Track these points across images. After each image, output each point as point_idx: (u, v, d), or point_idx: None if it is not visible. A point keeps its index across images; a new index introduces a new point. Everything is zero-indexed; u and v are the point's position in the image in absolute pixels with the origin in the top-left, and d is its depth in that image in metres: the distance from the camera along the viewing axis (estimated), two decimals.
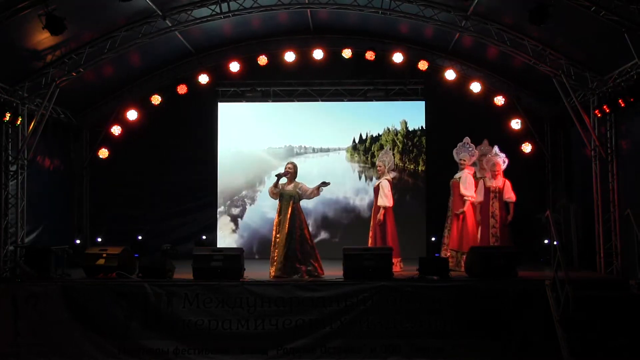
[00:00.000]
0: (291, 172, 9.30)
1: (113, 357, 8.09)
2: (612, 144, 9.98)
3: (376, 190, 9.99)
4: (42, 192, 11.46)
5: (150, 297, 8.28)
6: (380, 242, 9.80)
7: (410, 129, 13.42)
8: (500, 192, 10.22)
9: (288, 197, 9.17)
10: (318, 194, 9.30)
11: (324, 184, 9.26)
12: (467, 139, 10.47)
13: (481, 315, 8.06)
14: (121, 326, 8.19)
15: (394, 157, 10.66)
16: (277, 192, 9.22)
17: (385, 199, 9.83)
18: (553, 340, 7.64)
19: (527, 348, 7.91)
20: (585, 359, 7.38)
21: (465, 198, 10.02)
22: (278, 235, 9.07)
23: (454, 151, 10.54)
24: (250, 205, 13.46)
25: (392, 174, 10.17)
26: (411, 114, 13.39)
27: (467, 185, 10.06)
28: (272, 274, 8.99)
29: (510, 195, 10.16)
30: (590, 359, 7.40)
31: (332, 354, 8.05)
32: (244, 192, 13.47)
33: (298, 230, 9.08)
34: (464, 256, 9.63)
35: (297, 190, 9.19)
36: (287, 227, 9.04)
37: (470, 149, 10.37)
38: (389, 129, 13.47)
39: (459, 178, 10.19)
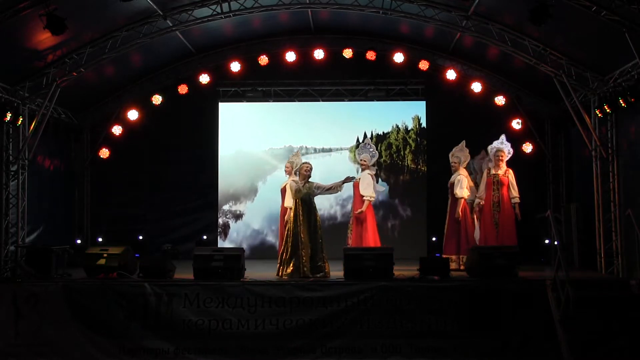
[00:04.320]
0: (310, 174, 9.24)
1: (113, 357, 8.08)
2: (613, 144, 9.97)
3: (283, 191, 10.02)
4: (43, 192, 11.48)
5: (150, 297, 8.27)
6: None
7: (410, 128, 13.37)
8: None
9: (308, 196, 9.15)
10: (340, 189, 9.24)
11: (349, 178, 9.19)
12: (368, 140, 10.53)
13: (481, 316, 8.04)
14: (121, 326, 8.18)
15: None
16: (304, 192, 9.11)
17: (292, 201, 9.79)
18: (553, 340, 7.64)
19: (527, 348, 7.89)
20: (585, 359, 7.37)
21: (364, 198, 9.93)
22: (302, 235, 8.94)
23: (356, 151, 10.58)
24: (236, 222, 13.41)
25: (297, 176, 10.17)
26: (411, 114, 13.36)
27: (366, 185, 9.95)
28: (301, 273, 8.83)
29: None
30: (591, 359, 7.39)
31: (333, 354, 8.05)
32: (225, 207, 13.36)
33: (319, 229, 9.10)
34: None
35: (314, 189, 9.15)
36: (309, 227, 9.00)
37: (371, 149, 10.33)
38: (398, 127, 13.42)
39: (359, 179, 10.09)
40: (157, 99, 12.92)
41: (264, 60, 12.79)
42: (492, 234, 10.08)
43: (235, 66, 12.76)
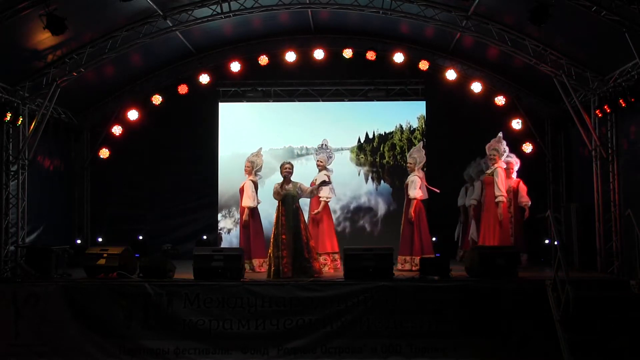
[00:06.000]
0: (291, 172, 9.32)
1: (113, 357, 8.10)
2: (613, 144, 9.97)
3: (241, 190, 10.03)
4: (43, 192, 11.47)
5: (150, 297, 8.28)
6: (244, 243, 9.81)
7: (415, 128, 13.30)
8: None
9: (290, 197, 9.17)
10: (317, 194, 9.38)
11: (324, 183, 9.33)
12: (325, 141, 10.49)
13: (481, 315, 8.05)
14: (121, 326, 8.20)
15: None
16: (283, 194, 9.18)
17: (249, 200, 9.79)
18: (553, 340, 7.63)
19: (527, 348, 7.91)
20: (585, 359, 7.37)
21: (321, 199, 9.94)
22: (284, 236, 9.00)
23: (314, 152, 10.60)
24: (227, 233, 13.35)
25: (259, 176, 10.15)
26: (414, 114, 13.32)
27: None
28: (281, 273, 8.84)
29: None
30: (591, 359, 7.39)
31: (333, 354, 8.06)
32: (219, 215, 13.29)
33: (303, 230, 9.11)
34: (321, 257, 9.64)
35: (297, 189, 9.20)
36: (292, 227, 9.03)
37: (328, 150, 10.35)
38: (402, 127, 13.37)
39: (316, 180, 10.07)
40: (157, 99, 12.93)
41: (264, 60, 12.80)
42: (478, 234, 10.19)
43: (235, 66, 12.77)
